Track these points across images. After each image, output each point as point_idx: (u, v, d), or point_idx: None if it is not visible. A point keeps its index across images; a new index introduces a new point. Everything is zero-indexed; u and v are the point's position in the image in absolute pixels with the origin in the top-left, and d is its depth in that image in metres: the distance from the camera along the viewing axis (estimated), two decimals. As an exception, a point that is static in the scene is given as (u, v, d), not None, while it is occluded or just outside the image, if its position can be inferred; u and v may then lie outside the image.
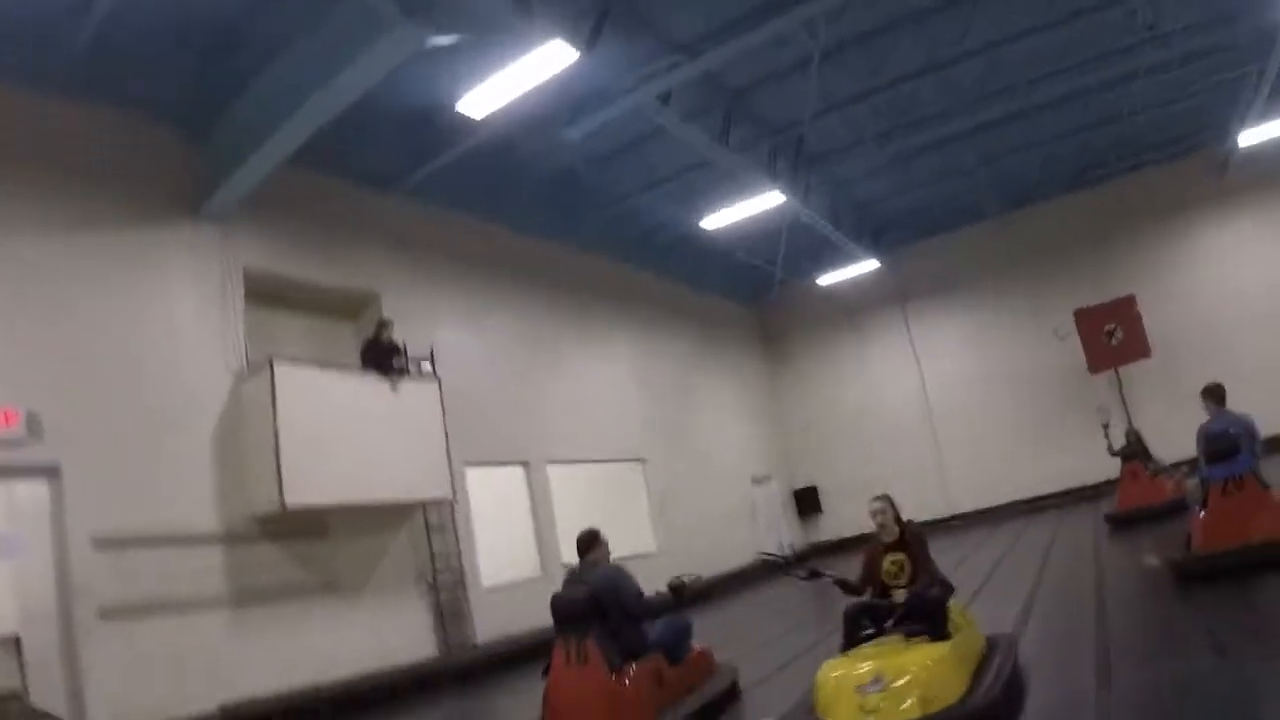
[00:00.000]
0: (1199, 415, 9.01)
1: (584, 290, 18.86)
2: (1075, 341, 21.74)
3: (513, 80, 11.06)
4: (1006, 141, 19.98)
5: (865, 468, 23.60)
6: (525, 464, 15.94)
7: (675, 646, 7.19)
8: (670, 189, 18.02)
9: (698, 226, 18.46)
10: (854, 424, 25.07)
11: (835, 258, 22.36)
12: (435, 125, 13.07)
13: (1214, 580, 7.85)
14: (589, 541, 7.40)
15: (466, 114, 11.79)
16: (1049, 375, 23.05)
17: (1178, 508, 13.46)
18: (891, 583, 6.31)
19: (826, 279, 23.08)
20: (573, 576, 7.28)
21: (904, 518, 6.59)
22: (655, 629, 7.17)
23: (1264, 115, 18.84)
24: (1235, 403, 8.91)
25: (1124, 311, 21.20)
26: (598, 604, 6.73)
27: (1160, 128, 20.80)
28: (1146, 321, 21.10)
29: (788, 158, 17.33)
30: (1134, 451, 15.25)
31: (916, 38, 14.86)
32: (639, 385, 19.85)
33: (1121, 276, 22.13)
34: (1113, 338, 21.28)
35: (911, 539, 6.46)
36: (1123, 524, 14.26)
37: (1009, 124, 18.89)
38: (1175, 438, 16.46)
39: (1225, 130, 20.49)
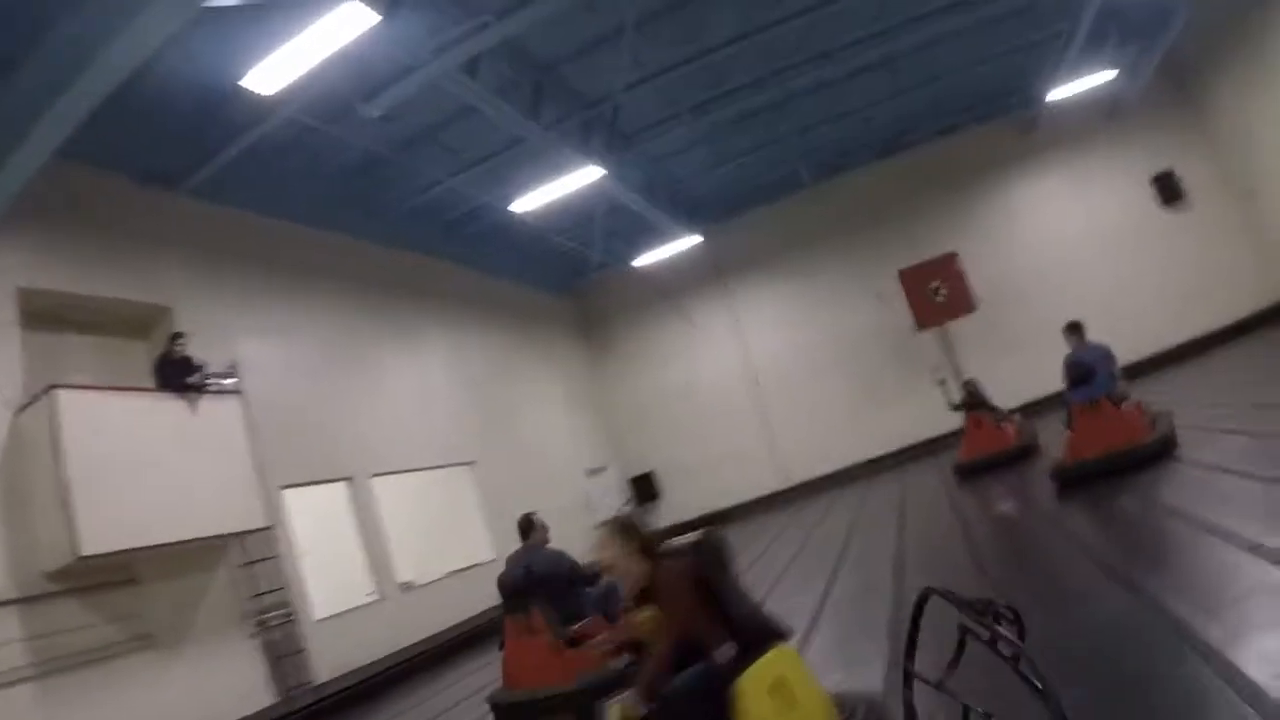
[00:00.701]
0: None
1: (396, 289, 18.09)
2: (901, 302, 22.32)
3: (305, 50, 10.04)
4: (821, 110, 20.47)
5: (698, 447, 24.00)
6: (349, 480, 15.13)
7: (611, 607, 7.81)
8: (479, 172, 17.46)
9: (510, 212, 17.90)
10: (683, 404, 25.31)
11: (652, 237, 22.34)
12: (224, 111, 12.10)
13: (1084, 488, 9.81)
14: (526, 526, 8.45)
15: (255, 91, 10.66)
16: (876, 337, 23.97)
17: (1024, 452, 14.54)
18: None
19: (645, 259, 22.99)
20: (514, 558, 8.30)
21: (680, 541, 4.43)
22: (591, 594, 8.11)
23: (1071, 74, 19.89)
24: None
25: (946, 269, 21.89)
26: (538, 580, 7.88)
27: (971, 90, 22.03)
28: (969, 277, 21.90)
29: (601, 134, 16.94)
30: (975, 402, 15.76)
31: (732, 3, 14.85)
32: (461, 385, 19.26)
33: (941, 236, 23.11)
34: (937, 295, 21.88)
35: (666, 584, 4.13)
36: (970, 473, 14.77)
37: (823, 92, 19.36)
38: (1005, 386, 17.55)
39: (1034, 90, 21.69)
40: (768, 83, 17.63)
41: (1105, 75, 20.47)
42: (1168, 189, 22.74)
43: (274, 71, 10.39)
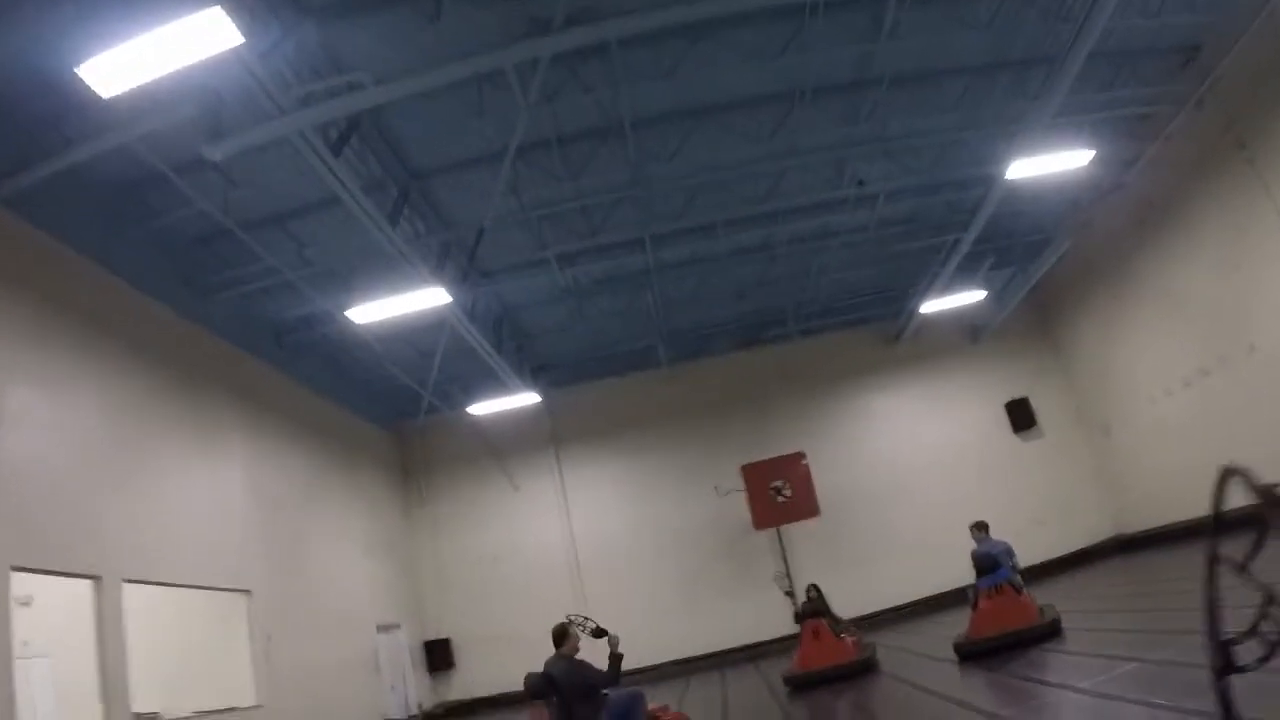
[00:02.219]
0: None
1: (200, 376, 16.15)
2: (739, 498, 22.03)
3: (155, 53, 8.58)
4: (691, 287, 20.50)
5: (504, 621, 22.39)
6: (96, 579, 12.96)
7: (629, 716, 8.58)
8: (323, 273, 16.40)
9: (347, 328, 16.72)
10: (495, 573, 23.88)
11: (491, 386, 21.28)
12: (58, 111, 10.68)
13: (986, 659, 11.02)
14: (559, 634, 8.72)
15: (93, 87, 8.82)
16: (710, 531, 23.46)
17: (864, 667, 13.57)
18: None
19: (479, 408, 21.85)
20: (547, 664, 8.53)
21: None
22: (610, 703, 8.55)
23: (943, 289, 20.56)
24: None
25: (792, 468, 21.68)
26: (557, 687, 8.24)
27: (844, 290, 22.69)
28: (814, 480, 21.80)
29: (459, 261, 16.32)
30: (816, 609, 14.83)
31: (621, 149, 14.62)
32: (255, 502, 17.30)
33: (790, 435, 23.09)
34: (779, 495, 21.41)
35: None
36: (804, 685, 13.67)
37: (696, 267, 19.45)
38: (841, 597, 16.87)
39: (905, 301, 22.45)
40: (641, 246, 17.37)
41: (976, 294, 21.14)
42: (1021, 416, 23.71)
43: (117, 68, 8.76)
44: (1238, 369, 16.95)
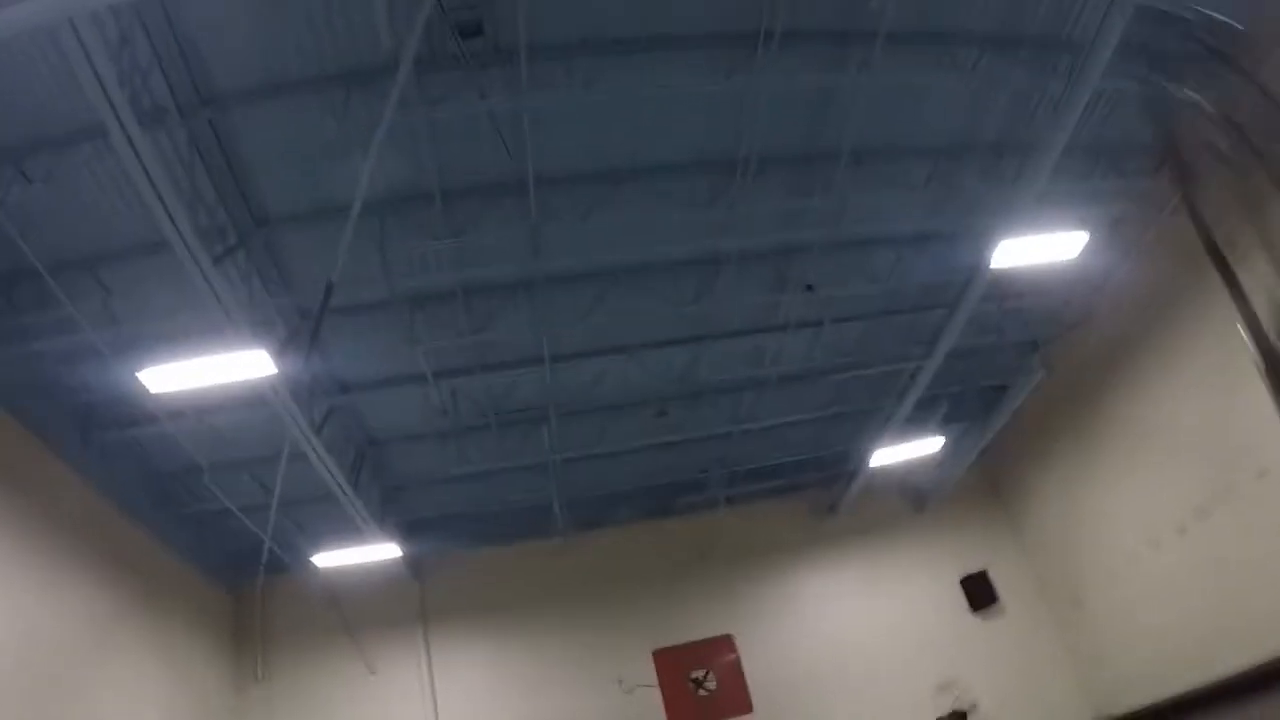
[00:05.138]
0: None
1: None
2: (651, 693, 19.13)
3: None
4: (591, 444, 18.16)
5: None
6: None
7: None
8: (130, 335, 12.87)
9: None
10: None
11: (345, 535, 17.84)
12: None
13: None
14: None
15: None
16: None
17: None
18: None
19: (328, 559, 18.37)
20: None
21: None
22: None
23: (898, 435, 18.88)
24: None
25: (717, 655, 18.90)
26: None
27: (775, 446, 20.56)
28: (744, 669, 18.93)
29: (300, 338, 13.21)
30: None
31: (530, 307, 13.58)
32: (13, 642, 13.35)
33: (711, 619, 20.66)
34: (701, 687, 18.46)
35: None
36: None
37: (601, 418, 17.55)
38: None
39: (846, 456, 20.64)
40: (538, 361, 15.32)
41: (933, 442, 19.72)
42: (979, 592, 21.76)
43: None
44: (1245, 500, 15.10)
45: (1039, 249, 13.48)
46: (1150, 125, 14.08)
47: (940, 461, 20.88)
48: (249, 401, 13.33)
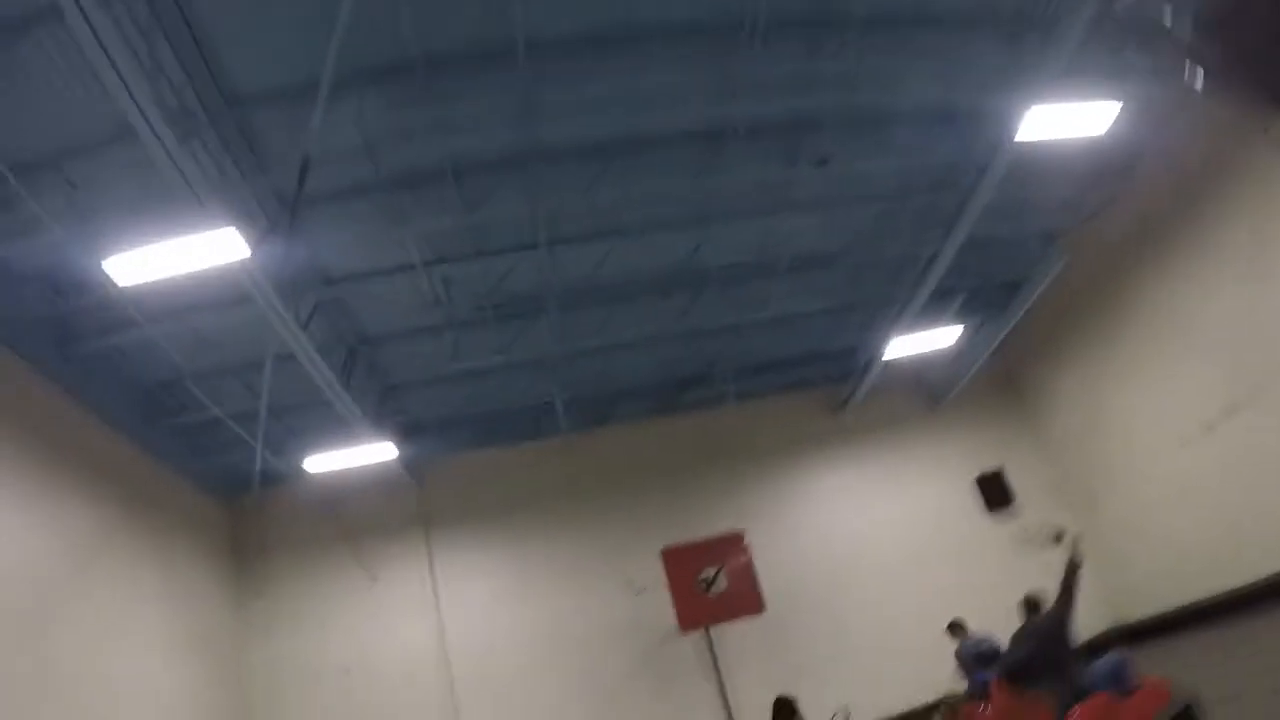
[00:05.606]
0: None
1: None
2: (658, 594, 18.38)
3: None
4: (593, 337, 17.34)
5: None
6: None
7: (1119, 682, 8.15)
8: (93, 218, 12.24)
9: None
10: (344, 689, 19.16)
11: (340, 441, 17.24)
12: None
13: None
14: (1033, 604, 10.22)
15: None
16: (622, 637, 19.81)
17: None
18: None
19: (321, 462, 17.64)
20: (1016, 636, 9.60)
21: None
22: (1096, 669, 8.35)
23: (914, 323, 18.31)
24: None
25: (728, 552, 18.34)
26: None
27: (786, 338, 19.89)
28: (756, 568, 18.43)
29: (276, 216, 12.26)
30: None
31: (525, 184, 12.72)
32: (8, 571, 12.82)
33: (720, 517, 19.91)
34: (712, 586, 17.92)
35: None
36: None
37: (610, 309, 16.80)
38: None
39: (859, 347, 20.16)
40: (548, 293, 15.12)
41: (951, 331, 18.99)
42: (994, 492, 21.46)
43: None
44: (1276, 399, 14.78)
45: (1067, 119, 12.70)
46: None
47: (955, 357, 20.28)
48: (231, 300, 12.77)
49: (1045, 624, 8.87)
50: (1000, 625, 18.96)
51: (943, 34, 12.76)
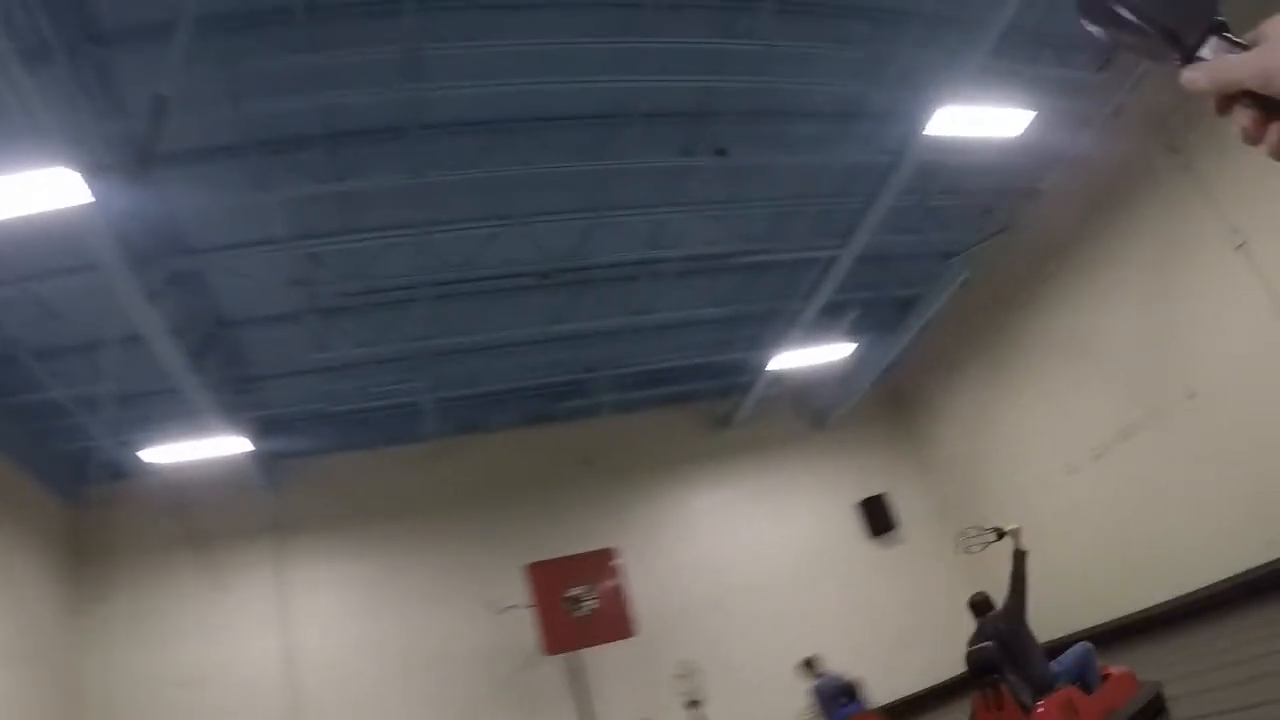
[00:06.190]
0: None
1: None
2: (522, 615, 17.49)
3: None
4: (468, 331, 16.62)
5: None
6: None
7: (1084, 675, 8.46)
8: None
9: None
10: (186, 704, 17.79)
11: (191, 433, 15.98)
12: None
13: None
14: (983, 603, 9.63)
15: None
16: (484, 658, 18.72)
17: None
18: None
19: (169, 453, 16.37)
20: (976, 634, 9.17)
21: None
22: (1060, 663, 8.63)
23: (806, 336, 17.95)
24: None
25: (598, 569, 17.64)
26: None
27: (669, 347, 19.23)
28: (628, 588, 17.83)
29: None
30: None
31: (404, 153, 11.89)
32: None
33: (593, 534, 19.05)
34: (580, 606, 17.19)
35: None
36: None
37: (473, 308, 16.04)
38: None
39: (747, 361, 19.52)
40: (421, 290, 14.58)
41: (843, 349, 18.83)
42: (877, 517, 21.34)
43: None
44: (1171, 425, 14.89)
45: (977, 123, 12.62)
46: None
47: (844, 375, 20.07)
48: (78, 266, 11.73)
49: (1003, 617, 8.81)
50: (883, 649, 19.07)
51: (859, 24, 12.49)
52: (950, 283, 17.62)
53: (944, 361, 20.70)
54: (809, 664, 14.71)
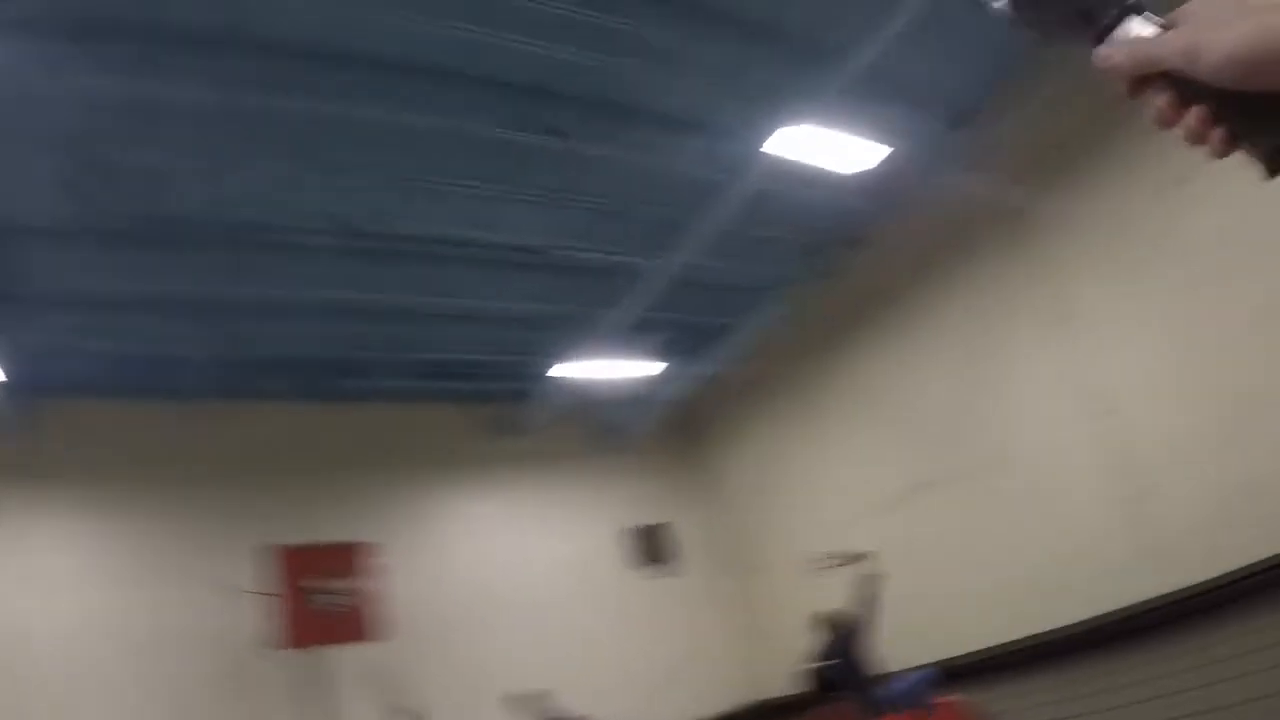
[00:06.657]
0: None
1: None
2: (266, 602, 16.21)
3: None
4: (253, 284, 15.53)
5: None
6: None
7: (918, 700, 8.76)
8: None
9: None
10: None
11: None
12: None
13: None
14: (833, 622, 10.07)
15: None
16: (210, 642, 16.99)
17: None
18: None
19: None
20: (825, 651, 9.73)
21: None
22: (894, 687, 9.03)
23: (587, 362, 18.02)
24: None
25: (355, 564, 16.50)
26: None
27: (462, 343, 18.72)
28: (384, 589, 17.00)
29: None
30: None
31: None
32: None
33: (354, 524, 18.12)
34: (331, 598, 16.19)
35: None
36: None
37: (263, 261, 14.97)
38: None
39: (528, 382, 19.36)
40: (212, 236, 13.66)
41: (653, 367, 18.67)
42: (652, 547, 21.31)
43: None
44: (970, 485, 15.19)
45: (818, 149, 12.65)
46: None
47: (642, 399, 19.85)
48: None
49: (850, 636, 9.21)
50: (651, 680, 18.85)
51: (729, 31, 12.08)
52: (765, 318, 17.53)
53: (748, 396, 20.61)
54: (533, 699, 14.71)
